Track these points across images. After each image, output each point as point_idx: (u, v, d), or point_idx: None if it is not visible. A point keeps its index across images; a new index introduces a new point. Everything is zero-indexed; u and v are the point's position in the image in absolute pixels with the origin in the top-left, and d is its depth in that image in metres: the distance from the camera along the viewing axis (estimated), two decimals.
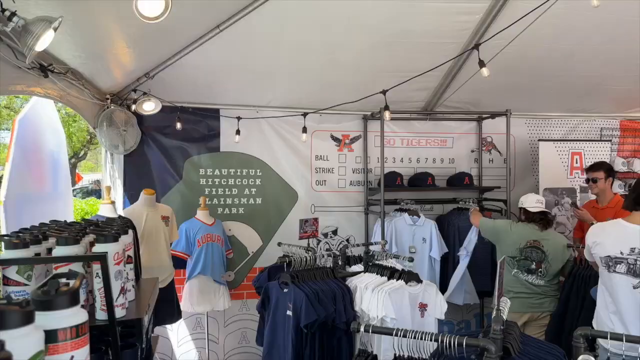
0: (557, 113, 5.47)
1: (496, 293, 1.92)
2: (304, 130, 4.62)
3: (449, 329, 5.13)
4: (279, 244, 4.06)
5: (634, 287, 2.59)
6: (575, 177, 5.10)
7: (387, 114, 3.78)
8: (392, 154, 5.23)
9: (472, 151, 5.41)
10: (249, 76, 4.37)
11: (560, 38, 4.08)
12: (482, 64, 3.02)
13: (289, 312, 3.02)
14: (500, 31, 3.23)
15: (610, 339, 1.70)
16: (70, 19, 2.65)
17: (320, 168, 5.12)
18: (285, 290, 3.10)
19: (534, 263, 3.77)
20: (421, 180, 5.03)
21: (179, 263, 4.41)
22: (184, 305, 4.41)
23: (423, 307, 3.18)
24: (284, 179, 5.00)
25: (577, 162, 5.10)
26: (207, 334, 4.72)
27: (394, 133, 5.24)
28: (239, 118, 4.74)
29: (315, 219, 4.18)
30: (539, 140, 5.22)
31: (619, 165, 5.31)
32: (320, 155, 5.13)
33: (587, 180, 4.35)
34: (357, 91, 4.26)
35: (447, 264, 4.85)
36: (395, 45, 4.00)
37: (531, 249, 3.79)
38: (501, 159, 5.31)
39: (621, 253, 2.62)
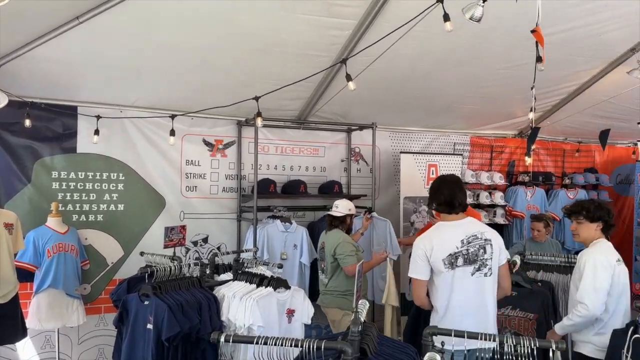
0: (417, 128, 5.94)
1: (355, 296, 1.99)
2: (172, 133, 4.43)
3: (317, 332, 5.24)
4: (142, 253, 3.83)
5: (472, 274, 2.88)
6: None
7: (259, 121, 3.78)
8: (266, 161, 5.24)
9: (342, 160, 5.63)
10: (112, 73, 4.08)
11: (420, 59, 4.43)
12: (348, 77, 3.15)
13: (150, 326, 2.85)
14: (365, 48, 3.40)
15: (455, 336, 1.85)
16: None
17: (191, 173, 4.94)
18: (146, 302, 2.92)
19: (323, 262, 4.16)
20: (294, 188, 5.11)
21: (25, 276, 3.95)
22: (30, 322, 3.95)
23: (291, 312, 3.21)
24: (150, 184, 4.73)
25: (433, 173, 5.56)
26: (58, 352, 4.28)
27: (268, 140, 5.26)
28: (98, 117, 4.39)
29: (183, 227, 4.02)
30: (400, 152, 5.60)
31: (469, 177, 5.90)
32: (192, 160, 4.95)
33: None
34: (231, 96, 4.21)
35: (317, 270, 4.96)
36: (270, 53, 4.02)
37: (322, 250, 4.19)
38: (368, 169, 5.60)
39: (457, 248, 2.87)
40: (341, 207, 4.18)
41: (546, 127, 6.23)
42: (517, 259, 3.43)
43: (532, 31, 3.05)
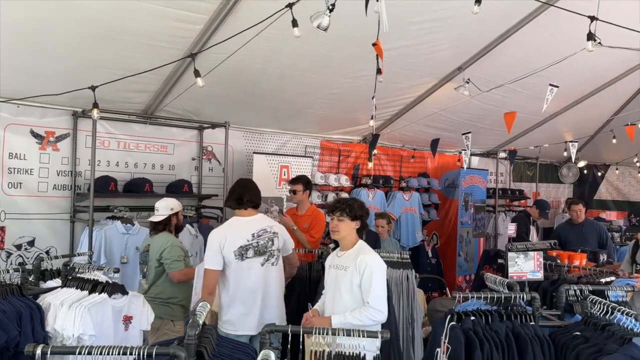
0: (271, 129, 6.01)
1: (194, 298, 1.93)
2: None
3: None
4: None
5: (262, 264, 3.31)
6: (283, 188, 5.66)
7: (95, 112, 3.50)
8: (106, 157, 4.84)
9: (193, 159, 5.46)
10: None
11: (273, 61, 4.49)
12: (197, 73, 3.07)
13: None
14: (214, 45, 3.34)
15: (291, 331, 1.90)
16: None
17: (15, 168, 4.37)
18: None
19: (146, 266, 3.85)
20: (138, 186, 4.81)
21: None
22: None
23: (128, 319, 3.00)
24: None
25: (285, 174, 5.67)
26: None
27: (110, 134, 4.88)
28: None
29: (1, 228, 3.52)
30: (254, 152, 5.62)
31: (318, 179, 6.13)
32: (16, 154, 4.38)
33: (290, 191, 4.89)
34: (66, 84, 3.83)
35: None
36: (112, 40, 3.73)
37: (145, 253, 3.88)
38: (220, 168, 5.51)
39: (247, 240, 3.28)
40: (162, 209, 3.89)
41: (386, 134, 6.76)
42: None
43: (373, 44, 3.29)
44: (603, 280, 3.91)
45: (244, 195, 3.43)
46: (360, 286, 2.95)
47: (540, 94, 5.20)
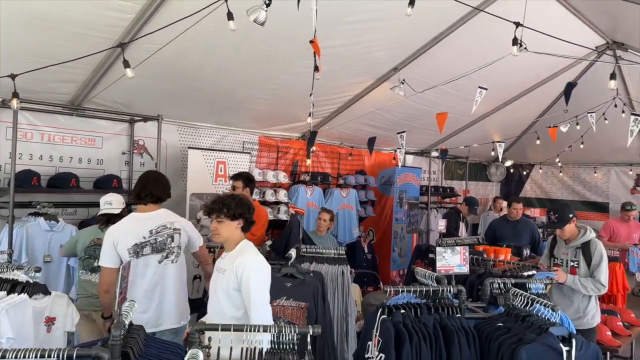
0: (207, 124, 5.87)
1: (118, 298, 1.86)
2: None
3: None
4: None
5: (159, 262, 3.26)
6: (219, 184, 5.56)
7: (14, 102, 3.28)
8: (28, 150, 4.54)
9: (124, 153, 5.24)
10: None
11: (209, 54, 4.40)
12: (126, 64, 2.96)
13: None
14: (146, 35, 3.23)
15: (221, 330, 1.87)
16: None
17: None
18: None
19: (96, 261, 3.62)
20: (63, 181, 4.55)
21: None
22: None
23: (50, 321, 2.84)
24: None
25: (221, 170, 5.58)
26: None
27: (32, 126, 4.58)
28: None
29: None
30: (188, 147, 5.47)
31: (256, 175, 6.05)
32: None
33: (231, 187, 4.82)
34: None
35: None
36: (35, 27, 3.51)
37: (95, 247, 3.75)
38: (152, 163, 5.33)
39: (144, 238, 3.22)
40: (115, 202, 3.85)
41: (325, 131, 6.81)
42: (293, 252, 3.66)
43: (311, 41, 3.30)
44: (525, 273, 4.15)
45: (143, 190, 3.33)
46: (238, 290, 2.70)
47: (470, 95, 5.43)
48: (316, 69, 3.41)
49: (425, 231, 8.84)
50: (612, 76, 4.98)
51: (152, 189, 3.33)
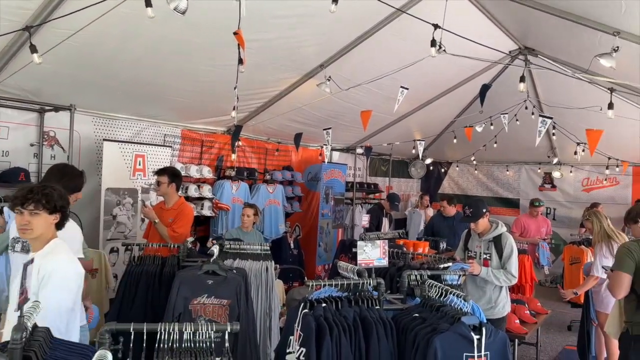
0: (125, 115, 5.59)
1: (19, 299, 1.73)
2: None
3: None
4: None
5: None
6: (137, 179, 5.33)
7: None
8: None
9: (32, 145, 4.87)
10: None
11: (128, 42, 4.19)
12: (33, 49, 2.76)
13: None
14: (55, 19, 3.02)
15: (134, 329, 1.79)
16: None
17: None
18: None
19: None
20: None
21: None
22: None
23: None
24: None
25: (140, 164, 5.34)
26: None
27: None
28: None
29: None
30: (104, 139, 5.18)
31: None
32: None
33: (157, 183, 4.64)
34: None
35: None
36: None
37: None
38: (64, 156, 5.00)
39: None
40: None
41: (252, 126, 6.74)
42: (215, 249, 3.58)
43: (235, 33, 3.24)
44: (442, 265, 4.34)
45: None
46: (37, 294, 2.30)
47: (393, 94, 5.58)
48: (240, 61, 3.36)
49: (350, 226, 9.02)
50: (522, 79, 5.32)
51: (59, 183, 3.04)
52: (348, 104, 6.56)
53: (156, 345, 2.02)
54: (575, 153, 8.19)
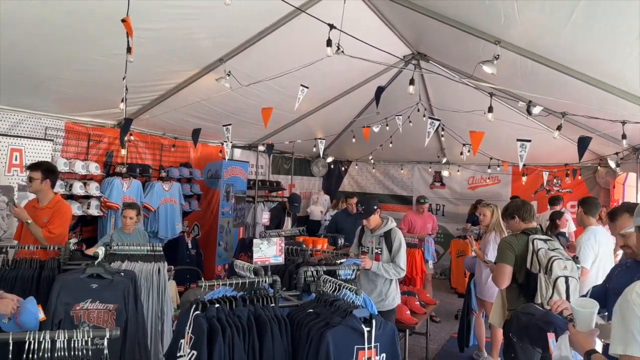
0: (1, 105, 5.04)
1: None
2: None
3: None
4: None
5: None
6: (13, 175, 4.83)
7: None
8: None
9: None
10: None
11: (3, 25, 3.76)
12: None
13: None
14: None
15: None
16: None
17: None
18: None
19: None
20: None
21: None
22: None
23: None
24: None
25: (16, 159, 4.85)
26: None
27: None
28: None
29: None
30: None
31: (62, 166, 5.40)
32: None
33: (29, 179, 4.22)
34: None
35: None
36: None
37: None
38: None
39: None
40: None
41: (145, 120, 6.40)
42: (101, 251, 3.35)
43: (123, 20, 3.05)
44: (339, 261, 4.43)
45: None
46: None
47: (294, 93, 5.58)
48: (129, 50, 3.16)
49: (252, 224, 8.92)
50: (411, 82, 5.61)
51: None
52: (250, 100, 6.47)
53: (24, 356, 1.83)
54: (462, 153, 8.80)
